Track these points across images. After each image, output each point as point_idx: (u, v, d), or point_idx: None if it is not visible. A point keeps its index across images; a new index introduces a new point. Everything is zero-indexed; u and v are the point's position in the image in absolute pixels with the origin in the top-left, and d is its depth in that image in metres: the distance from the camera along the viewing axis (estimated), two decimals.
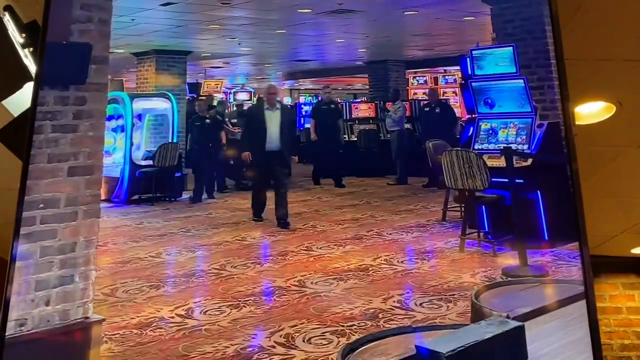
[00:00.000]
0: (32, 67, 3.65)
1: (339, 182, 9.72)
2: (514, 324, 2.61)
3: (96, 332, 3.64)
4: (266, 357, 4.08)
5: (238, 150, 9.02)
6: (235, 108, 13.30)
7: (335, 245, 6.48)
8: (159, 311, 4.85)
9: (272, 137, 7.69)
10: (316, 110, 10.60)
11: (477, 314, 3.45)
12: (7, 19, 3.63)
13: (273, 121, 7.73)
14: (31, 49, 3.66)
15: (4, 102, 4.02)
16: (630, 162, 5.08)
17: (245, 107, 12.70)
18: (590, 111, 4.71)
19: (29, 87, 3.65)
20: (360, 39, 12.14)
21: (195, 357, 4.11)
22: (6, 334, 2.93)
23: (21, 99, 3.85)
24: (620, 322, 6.67)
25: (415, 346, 2.50)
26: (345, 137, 11.12)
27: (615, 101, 4.61)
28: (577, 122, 4.42)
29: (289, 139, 7.95)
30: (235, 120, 11.30)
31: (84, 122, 3.69)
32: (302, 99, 17.53)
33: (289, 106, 14.08)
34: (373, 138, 11.51)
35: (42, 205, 3.43)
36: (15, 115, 3.89)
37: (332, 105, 10.40)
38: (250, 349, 4.21)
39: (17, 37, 3.64)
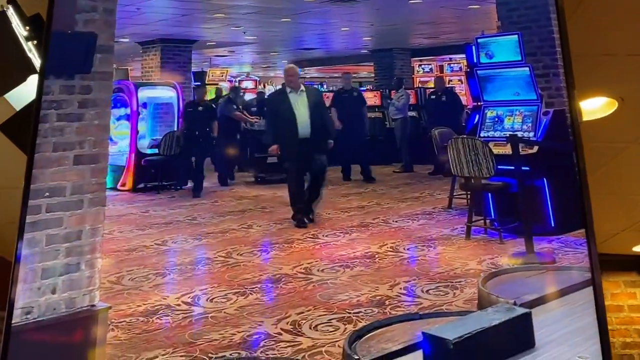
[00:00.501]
0: (36, 60, 3.65)
1: (368, 175, 9.30)
2: (521, 310, 2.62)
3: (102, 320, 3.64)
4: (273, 344, 4.09)
5: (262, 141, 8.51)
6: (256, 95, 13.06)
7: (341, 232, 6.48)
8: (165, 299, 4.86)
9: (303, 122, 7.03)
10: (336, 98, 9.98)
11: (484, 301, 3.45)
12: (11, 13, 3.62)
13: (300, 105, 7.06)
14: (35, 42, 3.66)
15: (5, 95, 4.01)
16: (632, 159, 5.02)
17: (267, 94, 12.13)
18: (592, 107, 4.65)
19: (32, 80, 3.65)
20: (365, 27, 12.10)
21: (201, 344, 4.12)
22: (12, 322, 2.96)
23: (24, 92, 3.84)
24: (622, 320, 6.65)
25: (422, 333, 2.50)
26: None
27: (618, 97, 4.57)
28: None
29: (322, 124, 7.16)
30: (255, 109, 11.04)
31: (89, 111, 3.69)
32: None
33: (315, 87, 13.39)
34: (378, 126, 11.47)
35: (47, 194, 3.43)
36: (18, 108, 3.89)
37: (355, 93, 10.02)
38: (257, 336, 4.23)
39: (20, 31, 3.65)
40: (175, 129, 9.32)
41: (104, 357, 3.63)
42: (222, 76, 14.17)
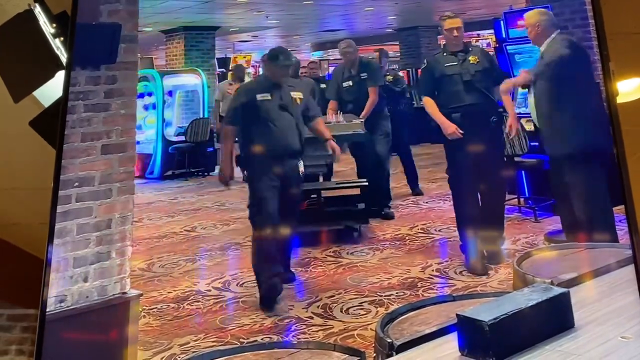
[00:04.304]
0: (63, 57, 3.70)
1: None
2: (559, 290, 2.54)
3: (134, 307, 3.69)
4: (304, 328, 4.09)
5: None
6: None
7: None
8: (195, 284, 4.91)
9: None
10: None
11: (520, 281, 3.39)
12: (38, 11, 3.68)
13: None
14: (62, 39, 3.71)
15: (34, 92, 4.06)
16: None
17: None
18: (626, 89, 4.50)
19: (59, 77, 3.69)
20: (389, 6, 11.99)
21: (232, 329, 4.16)
22: (47, 311, 2.99)
23: (51, 89, 3.88)
24: None
25: (457, 314, 2.44)
26: None
27: None
28: None
29: None
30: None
31: (115, 101, 3.73)
32: (332, 70, 17.43)
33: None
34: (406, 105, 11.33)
35: (77, 184, 3.48)
36: (46, 105, 3.93)
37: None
38: (288, 320, 4.24)
39: (48, 28, 3.70)
40: (202, 116, 9.35)
41: (136, 343, 3.65)
42: (246, 62, 14.17)
